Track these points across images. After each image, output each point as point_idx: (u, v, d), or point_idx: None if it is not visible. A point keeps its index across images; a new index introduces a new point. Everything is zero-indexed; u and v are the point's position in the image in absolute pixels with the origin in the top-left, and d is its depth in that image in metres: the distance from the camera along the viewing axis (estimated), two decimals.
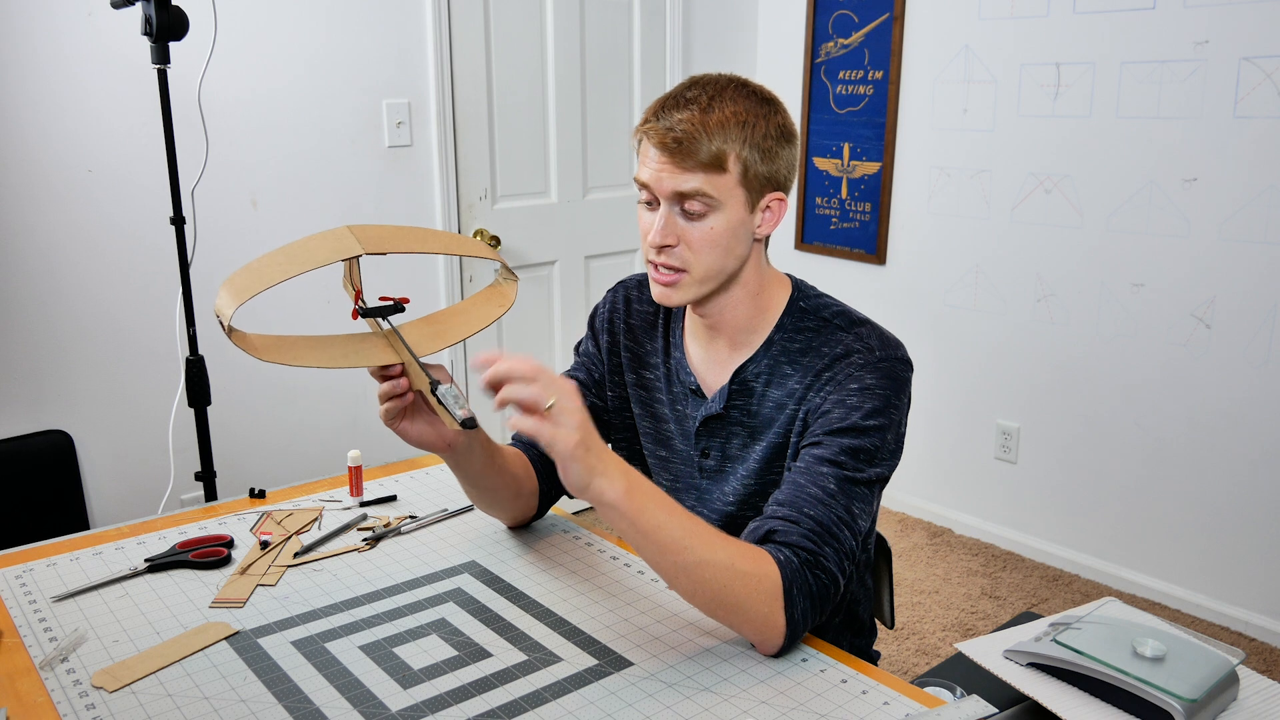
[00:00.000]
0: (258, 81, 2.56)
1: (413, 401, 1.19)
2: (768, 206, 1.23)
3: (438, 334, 1.21)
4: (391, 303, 1.18)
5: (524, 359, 1.01)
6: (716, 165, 1.17)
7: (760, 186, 1.21)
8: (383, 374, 1.16)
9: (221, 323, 1.05)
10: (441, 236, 1.25)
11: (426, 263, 2.95)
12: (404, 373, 1.16)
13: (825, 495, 1.14)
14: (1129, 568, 2.91)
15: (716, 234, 1.20)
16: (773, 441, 1.28)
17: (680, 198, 1.19)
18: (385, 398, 1.17)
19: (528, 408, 1.00)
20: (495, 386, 1.01)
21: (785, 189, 1.24)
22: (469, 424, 1.09)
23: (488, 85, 2.97)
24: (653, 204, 1.22)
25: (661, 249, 1.22)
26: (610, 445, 1.47)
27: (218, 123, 2.47)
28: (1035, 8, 2.84)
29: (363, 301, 1.17)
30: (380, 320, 1.19)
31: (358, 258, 1.14)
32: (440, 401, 1.11)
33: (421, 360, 1.14)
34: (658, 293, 1.25)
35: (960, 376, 3.22)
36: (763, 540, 1.13)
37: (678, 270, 1.22)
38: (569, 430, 0.99)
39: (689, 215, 1.20)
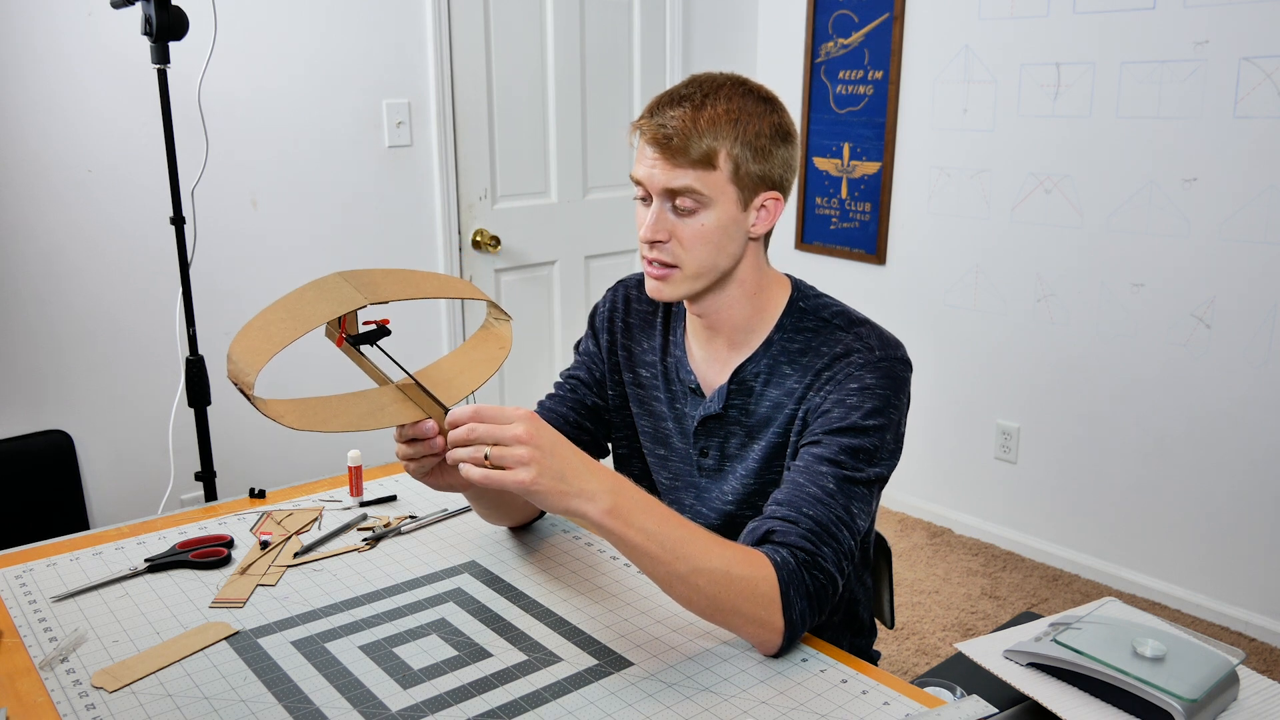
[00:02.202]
0: (258, 81, 2.56)
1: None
2: (762, 205, 1.23)
3: (450, 386, 1.16)
4: (375, 327, 1.13)
5: (464, 413, 1.01)
6: (707, 162, 1.17)
7: (753, 185, 1.21)
8: (414, 432, 1.10)
9: (245, 392, 1.00)
10: (433, 280, 1.19)
11: (426, 266, 2.95)
12: (440, 430, 1.10)
13: (824, 495, 1.14)
14: (1129, 568, 2.91)
15: (707, 231, 1.20)
16: (771, 441, 1.28)
17: (671, 194, 1.20)
18: (418, 456, 1.12)
19: (474, 462, 1.00)
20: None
21: (782, 189, 1.24)
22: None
23: (488, 85, 2.97)
24: (647, 200, 1.23)
25: (653, 244, 1.22)
26: (611, 444, 1.48)
27: (218, 123, 2.47)
28: (1035, 8, 2.84)
29: (348, 330, 1.12)
30: (375, 350, 1.13)
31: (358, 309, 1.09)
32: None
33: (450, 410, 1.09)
34: (650, 287, 1.26)
35: (960, 376, 3.22)
36: (761, 540, 1.13)
37: (669, 266, 1.23)
38: (517, 471, 0.98)
39: (680, 211, 1.20)
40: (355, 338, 1.12)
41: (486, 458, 0.99)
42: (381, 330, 1.13)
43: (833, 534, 1.13)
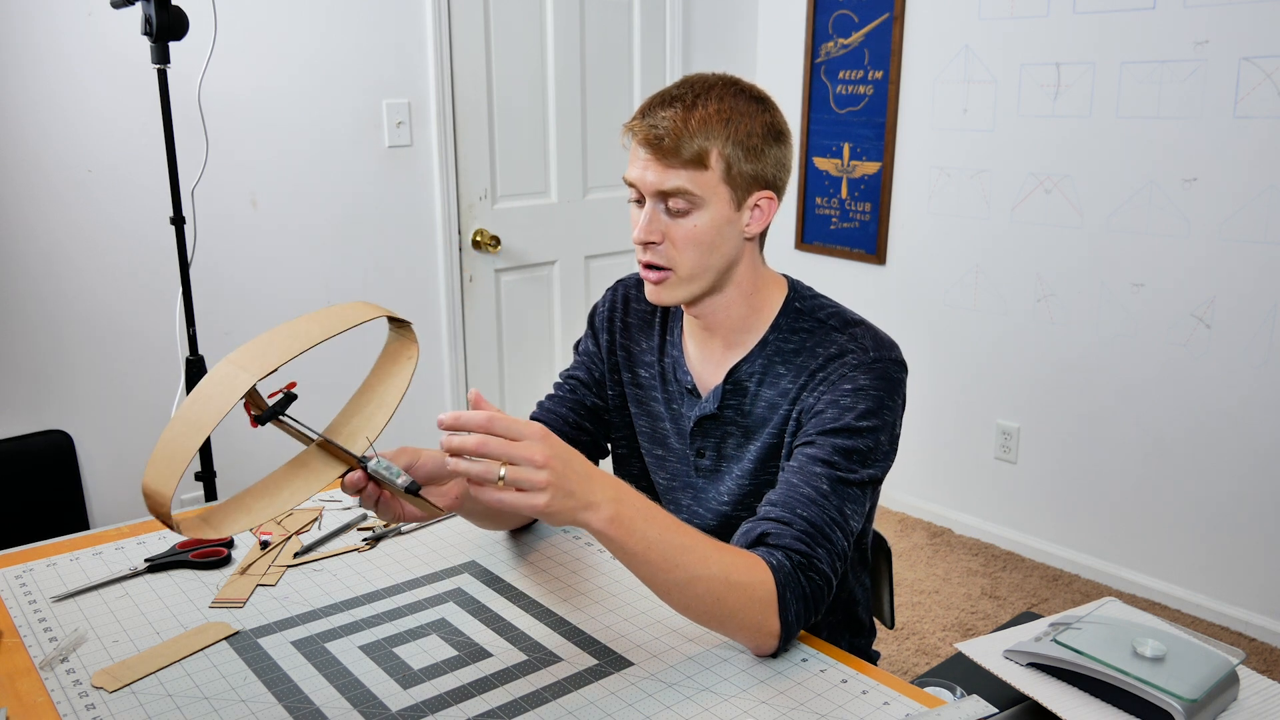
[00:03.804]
0: (258, 81, 2.56)
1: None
2: (756, 205, 1.23)
3: (368, 423, 1.13)
4: (282, 394, 1.07)
5: (477, 419, 0.94)
6: (698, 163, 1.17)
7: (746, 185, 1.21)
8: (349, 487, 1.08)
9: (162, 521, 0.98)
10: (320, 321, 1.07)
11: (426, 266, 2.95)
12: (369, 478, 1.08)
13: (818, 496, 1.14)
14: (1129, 568, 2.91)
15: (700, 231, 1.20)
16: (767, 442, 1.28)
17: (664, 195, 1.19)
18: (370, 503, 1.10)
19: (485, 479, 0.95)
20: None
21: (775, 188, 1.24)
22: (412, 488, 1.05)
23: (488, 85, 2.97)
24: (641, 201, 1.22)
25: (647, 246, 1.22)
26: (611, 444, 1.48)
27: (218, 123, 2.47)
28: (1035, 8, 2.84)
29: (260, 407, 1.07)
30: (297, 426, 1.08)
31: (253, 387, 1.02)
32: (378, 478, 1.07)
33: (360, 453, 1.08)
34: (648, 291, 1.26)
35: (960, 376, 3.22)
36: (755, 542, 1.13)
37: (664, 269, 1.23)
38: (533, 495, 0.94)
39: (673, 213, 1.20)
40: (262, 416, 1.07)
41: (501, 480, 0.93)
42: (288, 397, 1.07)
43: (826, 535, 1.12)
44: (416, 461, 1.13)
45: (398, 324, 1.17)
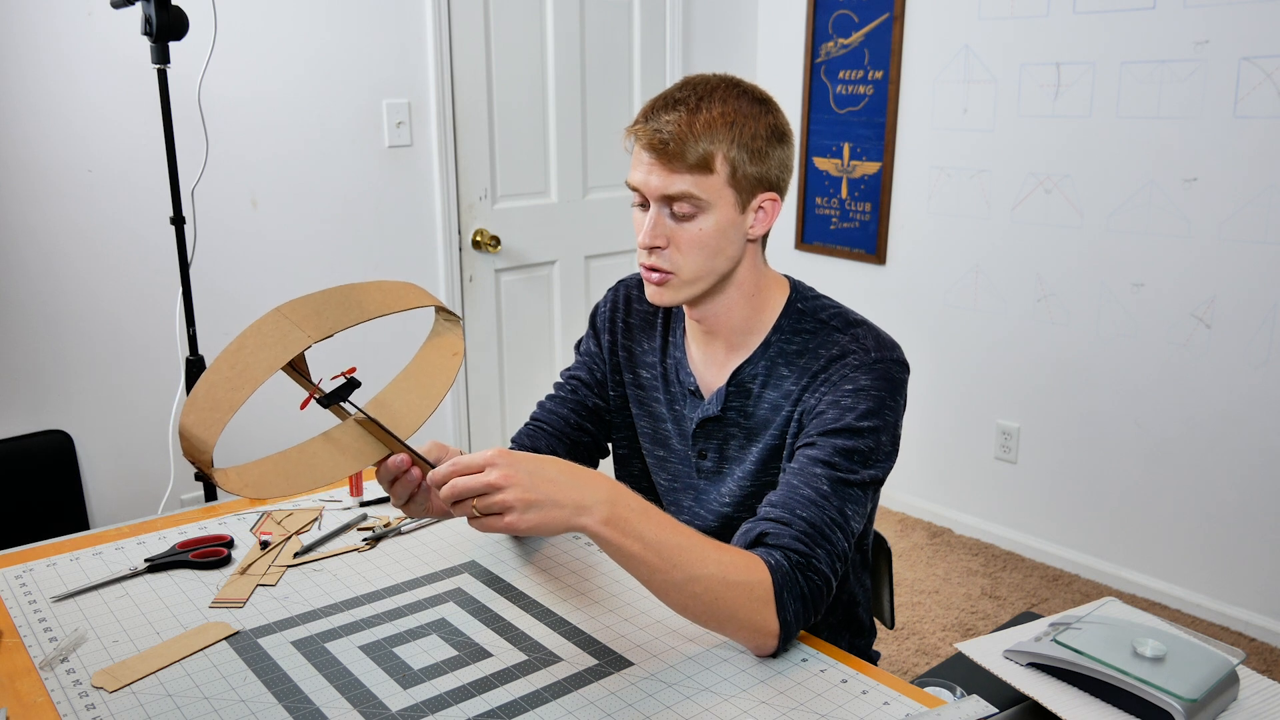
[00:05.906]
0: (258, 81, 2.56)
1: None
2: (760, 207, 1.23)
3: (410, 412, 1.12)
4: (345, 379, 1.06)
5: (440, 473, 0.99)
6: (704, 166, 1.17)
7: (751, 187, 1.20)
8: (390, 471, 1.09)
9: (204, 471, 0.96)
10: (377, 293, 1.08)
11: (426, 265, 2.95)
12: (414, 463, 1.09)
13: (818, 496, 1.14)
14: (1129, 568, 2.91)
15: (705, 235, 1.20)
16: (769, 443, 1.28)
17: (669, 200, 1.19)
18: (406, 495, 1.11)
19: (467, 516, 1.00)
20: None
21: (779, 189, 1.24)
22: None
23: (488, 85, 2.97)
24: (645, 205, 1.22)
25: (651, 250, 1.22)
26: (612, 444, 1.48)
27: (218, 123, 2.47)
28: (1035, 8, 2.84)
29: (321, 390, 1.05)
30: (345, 405, 1.07)
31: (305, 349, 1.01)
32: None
33: (405, 443, 1.07)
34: (650, 292, 1.26)
35: (960, 376, 3.22)
36: (754, 543, 1.13)
37: (666, 271, 1.22)
38: (505, 517, 0.97)
39: (678, 217, 1.19)
40: (325, 399, 1.05)
41: (476, 513, 0.98)
42: (351, 384, 1.06)
43: (826, 536, 1.12)
44: (444, 457, 1.13)
45: (445, 313, 1.17)
